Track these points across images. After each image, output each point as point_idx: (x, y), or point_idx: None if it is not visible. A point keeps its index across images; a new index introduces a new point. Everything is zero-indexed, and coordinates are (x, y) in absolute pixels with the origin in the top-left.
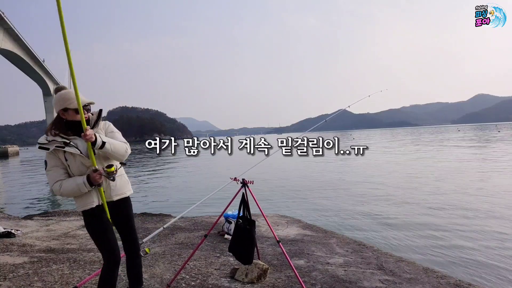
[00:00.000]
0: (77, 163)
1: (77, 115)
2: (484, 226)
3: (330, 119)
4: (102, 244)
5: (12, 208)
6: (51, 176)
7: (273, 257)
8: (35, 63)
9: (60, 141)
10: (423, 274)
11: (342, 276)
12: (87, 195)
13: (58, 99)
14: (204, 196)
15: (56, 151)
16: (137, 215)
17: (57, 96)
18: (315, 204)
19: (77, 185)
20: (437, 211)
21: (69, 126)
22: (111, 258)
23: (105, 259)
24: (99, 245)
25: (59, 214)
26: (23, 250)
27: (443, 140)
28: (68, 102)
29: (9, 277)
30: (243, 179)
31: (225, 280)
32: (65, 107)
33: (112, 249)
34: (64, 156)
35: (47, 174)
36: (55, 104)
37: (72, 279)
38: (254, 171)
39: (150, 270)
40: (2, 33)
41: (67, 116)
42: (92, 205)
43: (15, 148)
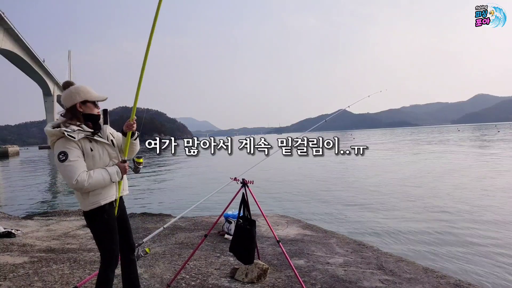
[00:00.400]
0: (103, 153)
1: (95, 108)
2: (484, 226)
3: (330, 119)
4: (108, 243)
5: (12, 208)
6: (74, 167)
7: (273, 257)
8: (35, 63)
9: (87, 131)
10: (423, 274)
11: (342, 276)
12: (109, 187)
13: (76, 91)
14: (204, 196)
15: (83, 140)
16: (137, 215)
17: (74, 89)
18: (315, 204)
19: (109, 175)
20: (437, 211)
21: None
22: (113, 257)
23: (106, 259)
24: (105, 243)
25: (59, 214)
26: (23, 250)
27: (443, 140)
28: (89, 94)
29: (9, 277)
30: (243, 179)
31: (225, 280)
32: (85, 99)
33: (116, 248)
34: (90, 146)
35: (68, 166)
36: (71, 97)
37: (72, 279)
38: (254, 171)
39: (150, 270)
40: (2, 33)
41: (85, 109)
42: (113, 197)
43: (15, 148)
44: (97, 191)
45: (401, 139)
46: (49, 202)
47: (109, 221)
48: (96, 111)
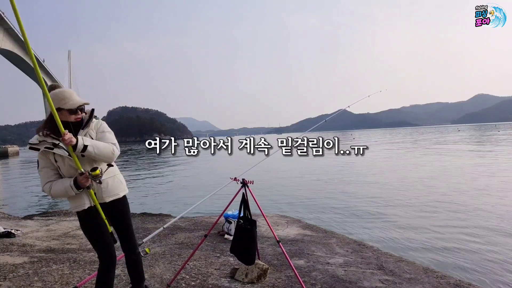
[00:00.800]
0: (66, 165)
1: (70, 115)
2: (484, 226)
3: (330, 119)
4: (96, 245)
5: (12, 208)
6: (42, 176)
7: (273, 257)
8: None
9: (50, 142)
10: (423, 274)
11: (342, 276)
12: (78, 197)
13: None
14: (204, 196)
15: (46, 152)
16: (137, 215)
17: (52, 95)
18: (315, 204)
19: (65, 188)
20: (438, 212)
21: None
22: (106, 259)
23: (100, 260)
24: (94, 246)
25: (59, 214)
26: (23, 250)
27: (443, 140)
28: (62, 102)
29: (9, 277)
30: (243, 179)
31: (225, 280)
32: (58, 107)
33: (106, 250)
34: (54, 157)
35: (39, 174)
36: None
37: (72, 279)
38: (254, 171)
39: (150, 270)
40: (2, 33)
41: (60, 116)
42: (84, 207)
43: (15, 148)
44: (69, 198)
45: (402, 139)
46: (49, 202)
47: (91, 226)
48: (73, 118)
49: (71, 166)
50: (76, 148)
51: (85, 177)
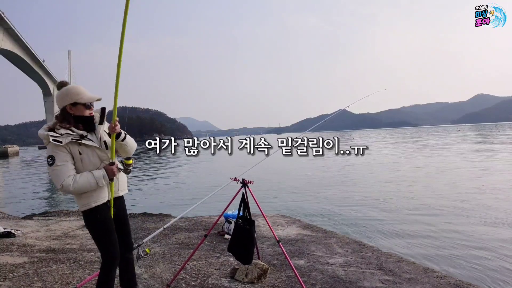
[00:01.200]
0: (93, 156)
1: (86, 110)
2: (484, 226)
3: (330, 119)
4: (105, 243)
5: (12, 208)
6: (61, 171)
7: (273, 257)
8: (35, 63)
9: (76, 134)
10: (423, 274)
11: (342, 276)
12: (100, 189)
13: (66, 93)
14: (204, 196)
15: (71, 144)
16: (137, 215)
17: (65, 91)
18: (315, 204)
19: (95, 179)
20: (438, 212)
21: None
22: (112, 258)
23: (105, 259)
24: (103, 243)
25: (59, 214)
26: (23, 250)
27: (443, 140)
28: (79, 96)
29: (9, 277)
30: (243, 179)
31: (225, 280)
32: (75, 101)
33: (115, 248)
34: (78, 150)
35: (55, 170)
36: (62, 98)
37: (72, 279)
38: (254, 171)
39: (150, 270)
40: (2, 33)
41: (75, 111)
42: (104, 199)
43: (15, 148)
44: (88, 193)
45: (401, 139)
46: (49, 202)
47: (104, 222)
48: (88, 113)
49: (97, 157)
50: (120, 136)
51: (116, 167)
